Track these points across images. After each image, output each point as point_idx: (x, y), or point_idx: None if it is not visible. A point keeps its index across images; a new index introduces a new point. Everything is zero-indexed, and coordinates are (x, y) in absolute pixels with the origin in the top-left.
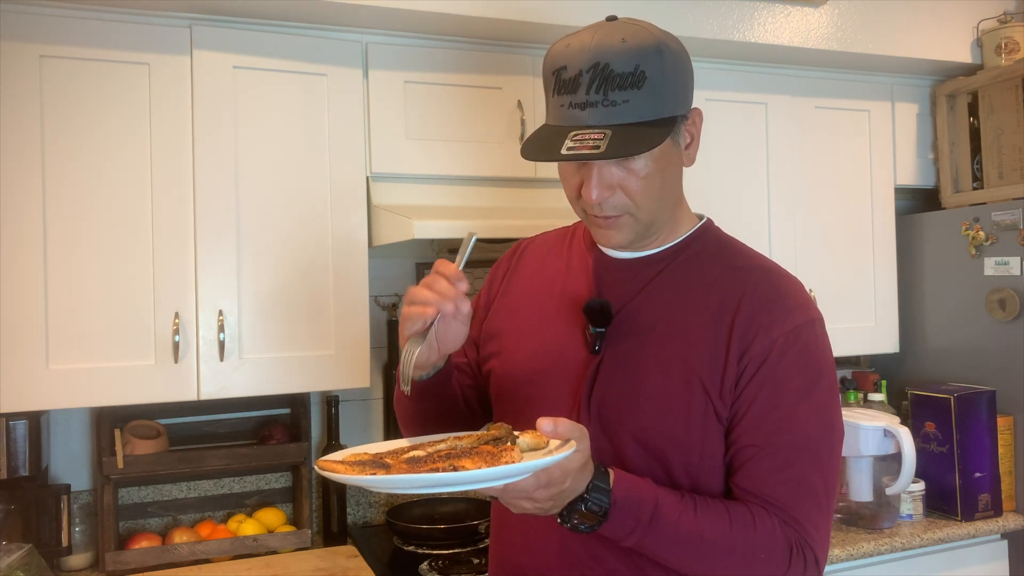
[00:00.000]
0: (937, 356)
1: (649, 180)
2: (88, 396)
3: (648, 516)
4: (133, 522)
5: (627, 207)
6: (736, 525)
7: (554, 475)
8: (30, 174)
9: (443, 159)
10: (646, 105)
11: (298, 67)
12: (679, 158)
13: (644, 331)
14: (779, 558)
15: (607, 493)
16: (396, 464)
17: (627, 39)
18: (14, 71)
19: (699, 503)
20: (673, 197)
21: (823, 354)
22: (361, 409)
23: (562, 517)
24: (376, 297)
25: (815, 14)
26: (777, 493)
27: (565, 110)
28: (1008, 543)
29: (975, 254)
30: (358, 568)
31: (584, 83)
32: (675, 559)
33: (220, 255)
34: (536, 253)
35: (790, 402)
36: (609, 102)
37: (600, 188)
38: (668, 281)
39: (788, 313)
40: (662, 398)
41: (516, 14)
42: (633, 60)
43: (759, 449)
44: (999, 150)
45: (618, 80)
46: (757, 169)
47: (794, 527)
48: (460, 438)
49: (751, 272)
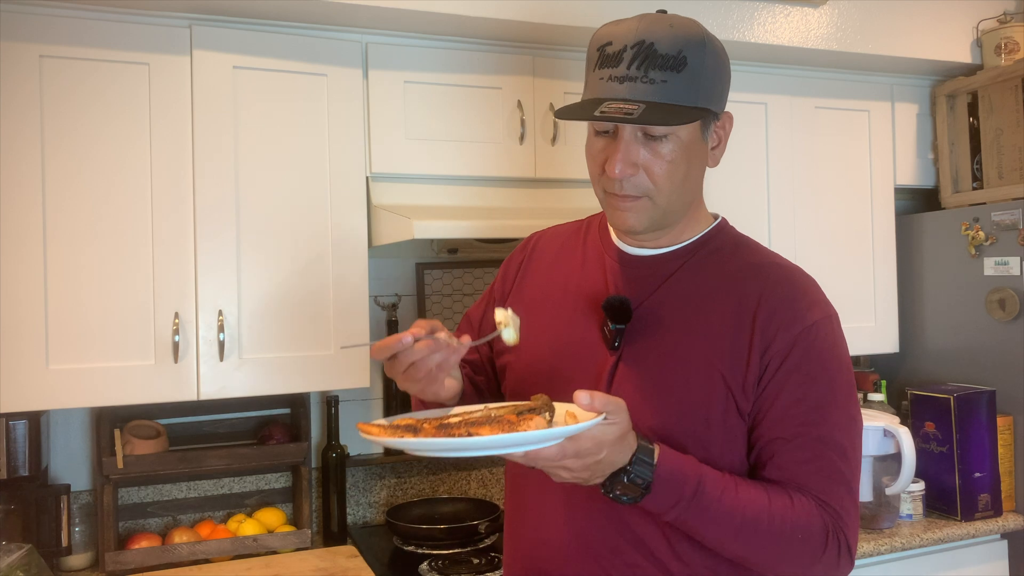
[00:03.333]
0: (937, 356)
1: (673, 166)
2: (88, 396)
3: (691, 492)
4: (133, 522)
5: (647, 189)
6: (775, 505)
7: (584, 445)
8: (30, 174)
9: (443, 159)
10: (683, 89)
11: (298, 67)
12: (705, 155)
13: (663, 328)
14: (816, 540)
15: (651, 467)
16: (427, 430)
17: (675, 26)
18: (14, 71)
19: (740, 483)
20: (693, 191)
21: (841, 349)
22: (361, 409)
23: (604, 487)
24: (376, 297)
25: (815, 14)
26: (810, 481)
27: (604, 83)
28: (1008, 543)
29: (975, 254)
30: (358, 568)
31: (627, 58)
32: (714, 536)
33: (220, 255)
34: (549, 247)
35: (814, 396)
36: (648, 79)
37: (624, 164)
38: (687, 278)
39: (807, 310)
40: (683, 395)
41: (516, 14)
42: (678, 45)
43: (786, 442)
44: (999, 150)
45: (660, 60)
46: (757, 169)
47: (829, 512)
48: (498, 408)
49: (768, 269)
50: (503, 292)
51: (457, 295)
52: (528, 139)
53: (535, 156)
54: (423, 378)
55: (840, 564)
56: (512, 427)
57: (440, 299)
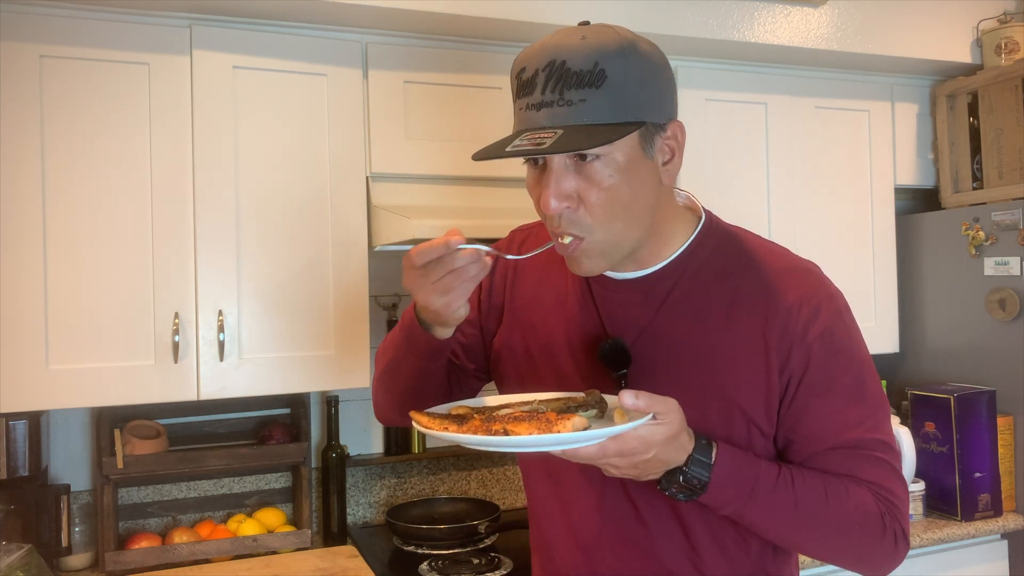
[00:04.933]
0: (937, 356)
1: (613, 192)
2: (88, 396)
3: (748, 490)
4: (133, 522)
5: (587, 226)
6: (832, 496)
7: (629, 445)
8: (30, 174)
9: (443, 159)
10: (605, 106)
11: (298, 67)
12: (654, 172)
13: (668, 361)
14: (875, 528)
15: (708, 467)
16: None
17: (587, 37)
18: (14, 71)
19: (796, 476)
20: (646, 215)
21: (857, 341)
22: (361, 409)
23: (661, 484)
24: (376, 297)
25: (815, 14)
26: (862, 471)
27: (523, 113)
28: (1008, 543)
29: (975, 254)
30: (358, 568)
31: (540, 82)
32: (772, 528)
33: (220, 255)
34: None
35: (841, 402)
36: (565, 101)
37: (557, 197)
38: (681, 299)
39: (817, 314)
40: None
41: (516, 14)
42: (592, 58)
43: (826, 453)
44: (999, 150)
45: (575, 78)
46: (757, 169)
47: (884, 500)
48: (547, 401)
49: (769, 276)
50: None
51: None
52: None
53: None
54: (458, 288)
55: (897, 550)
56: (549, 427)
57: None
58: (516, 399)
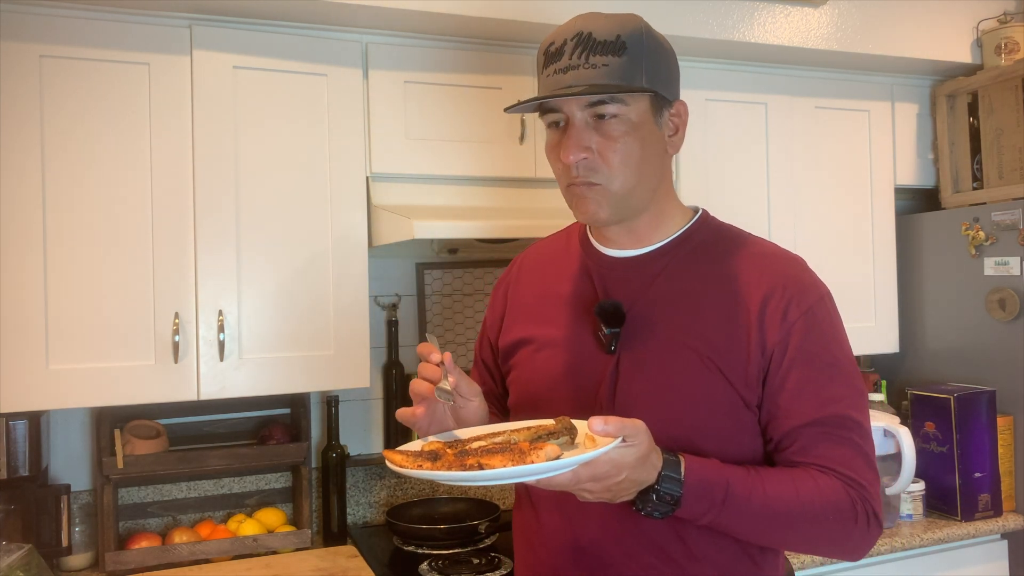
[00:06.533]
0: (937, 356)
1: (626, 147)
2: (88, 396)
3: (721, 498)
4: (133, 522)
5: (603, 173)
6: (802, 491)
7: (601, 469)
8: (30, 174)
9: (443, 159)
10: (625, 70)
11: (298, 67)
12: (661, 141)
13: (657, 327)
14: (846, 515)
15: (679, 483)
16: (448, 456)
17: (611, 16)
18: (14, 71)
19: (765, 476)
20: (653, 176)
21: (838, 326)
22: (361, 409)
23: (636, 505)
24: (376, 297)
25: (815, 14)
26: (831, 460)
27: (550, 78)
28: (1008, 543)
29: (975, 254)
30: (358, 568)
31: (568, 50)
32: (749, 531)
33: (220, 255)
34: (535, 262)
35: (820, 378)
36: (589, 65)
37: (576, 148)
38: (674, 275)
39: (800, 295)
40: (685, 392)
41: (516, 14)
42: (615, 31)
43: (803, 427)
44: (999, 150)
45: (600, 46)
46: (757, 169)
47: (854, 486)
48: (518, 431)
49: (756, 260)
50: (494, 320)
51: (457, 295)
52: (528, 139)
53: (535, 156)
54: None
55: (870, 531)
56: (523, 457)
57: (440, 299)
58: (487, 430)
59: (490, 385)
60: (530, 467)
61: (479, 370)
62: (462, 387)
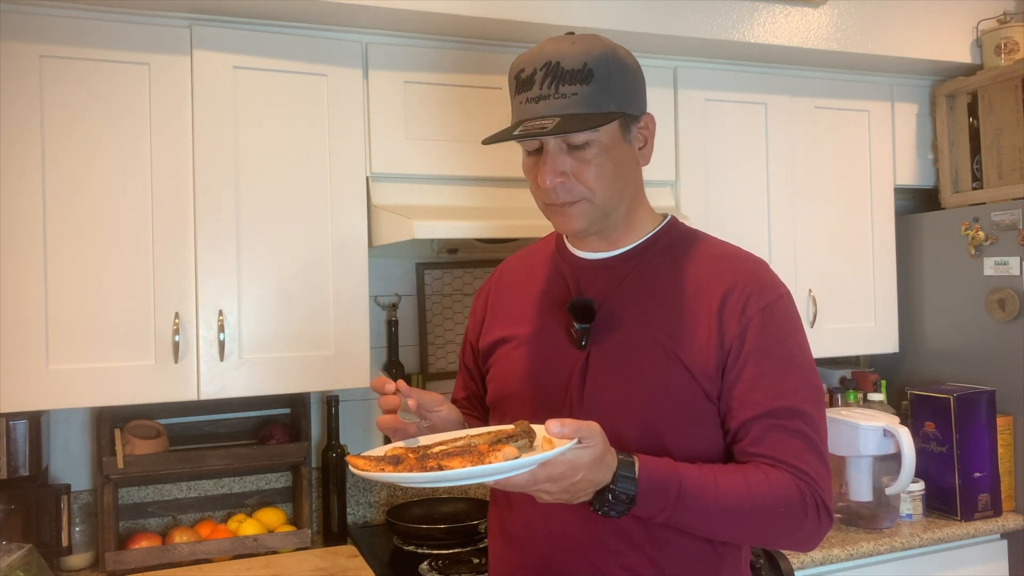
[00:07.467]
0: (937, 356)
1: (600, 168)
2: (88, 396)
3: (674, 495)
4: (133, 522)
5: (582, 193)
6: (753, 485)
7: (558, 470)
8: (30, 174)
9: (443, 159)
10: (593, 98)
11: (298, 67)
12: (632, 156)
13: (626, 323)
14: (796, 508)
15: (633, 482)
16: (409, 460)
17: (577, 43)
18: (14, 71)
19: (717, 472)
20: (629, 189)
21: (795, 324)
22: (361, 409)
23: (592, 505)
24: (376, 297)
25: (815, 14)
26: (782, 452)
27: (522, 106)
28: (1008, 543)
29: (975, 254)
30: (358, 568)
31: (538, 80)
32: (703, 527)
33: (220, 255)
34: (514, 268)
35: (775, 371)
36: (560, 95)
37: (552, 174)
38: (643, 275)
39: (758, 293)
40: (649, 383)
41: (516, 14)
42: (581, 59)
43: (756, 418)
44: (999, 150)
45: (568, 76)
46: (757, 169)
47: (803, 478)
48: (479, 435)
49: (719, 261)
50: (475, 324)
51: (457, 295)
52: None
53: None
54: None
55: (820, 522)
56: (481, 459)
57: (440, 299)
58: (450, 436)
59: (472, 388)
60: (488, 467)
61: (463, 375)
62: (424, 402)
